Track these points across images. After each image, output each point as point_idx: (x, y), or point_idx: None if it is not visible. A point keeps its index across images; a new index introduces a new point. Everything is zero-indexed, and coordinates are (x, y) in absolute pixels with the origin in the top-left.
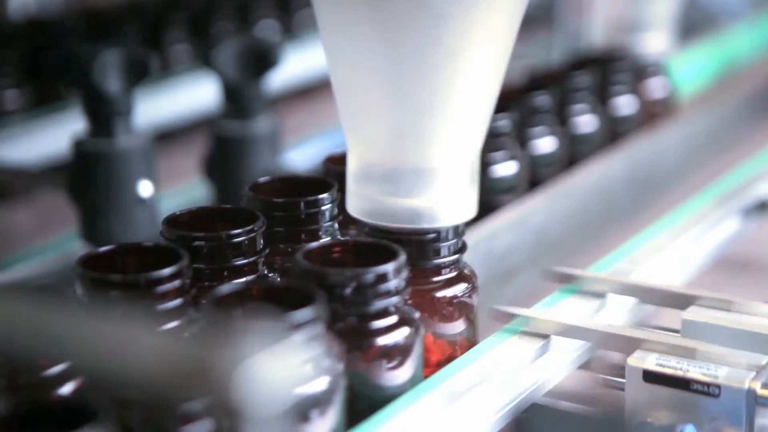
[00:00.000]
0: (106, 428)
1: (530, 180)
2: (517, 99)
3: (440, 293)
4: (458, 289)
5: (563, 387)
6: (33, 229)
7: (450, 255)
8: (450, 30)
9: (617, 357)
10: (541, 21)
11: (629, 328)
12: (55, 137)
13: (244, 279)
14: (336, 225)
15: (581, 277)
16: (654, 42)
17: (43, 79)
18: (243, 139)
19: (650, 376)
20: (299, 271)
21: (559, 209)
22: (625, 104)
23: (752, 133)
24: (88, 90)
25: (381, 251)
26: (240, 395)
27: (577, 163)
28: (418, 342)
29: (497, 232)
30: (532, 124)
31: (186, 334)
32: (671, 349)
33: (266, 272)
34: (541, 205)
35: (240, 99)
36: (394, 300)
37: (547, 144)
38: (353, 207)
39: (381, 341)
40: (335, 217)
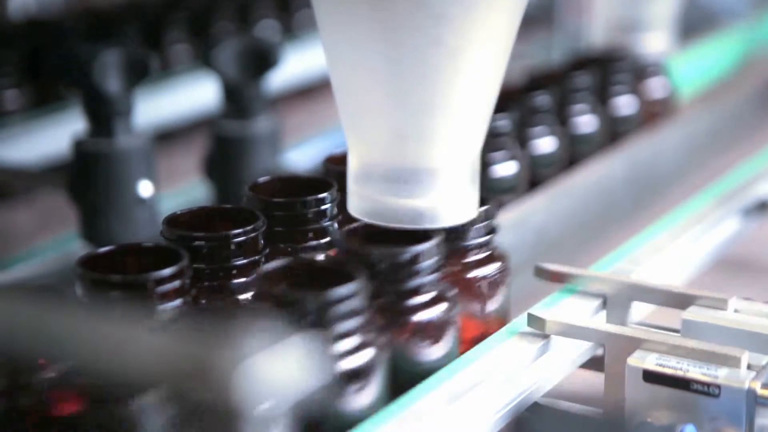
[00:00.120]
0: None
1: (530, 180)
2: (517, 99)
3: (472, 273)
4: (489, 269)
5: (563, 387)
6: (33, 229)
7: (482, 236)
8: (450, 30)
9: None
10: (541, 21)
11: (629, 328)
12: (55, 137)
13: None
14: (336, 225)
15: (581, 277)
16: (654, 42)
17: (43, 79)
18: (243, 139)
19: (650, 376)
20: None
21: (559, 209)
22: (625, 104)
23: (752, 133)
24: (88, 90)
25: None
26: (239, 395)
27: (577, 163)
28: (454, 318)
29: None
30: (532, 124)
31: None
32: (671, 349)
33: None
34: (541, 205)
35: (240, 99)
36: (431, 278)
37: (547, 144)
38: (354, 207)
39: (417, 318)
40: (335, 217)
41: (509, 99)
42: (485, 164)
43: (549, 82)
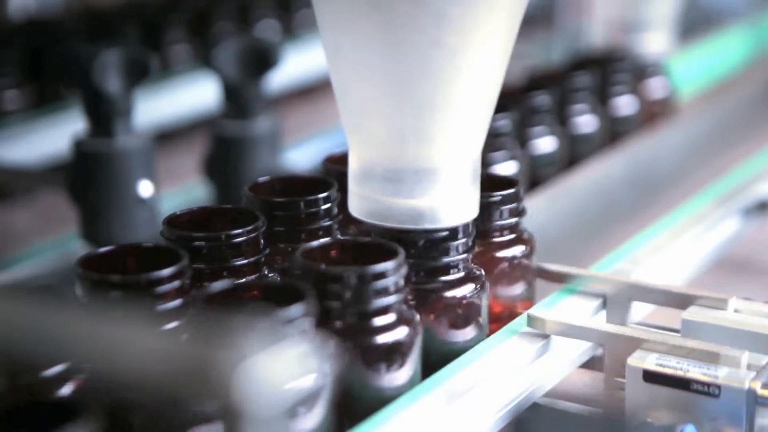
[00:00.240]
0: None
1: (530, 180)
2: (517, 99)
3: (499, 254)
4: (517, 251)
5: (563, 387)
6: (33, 229)
7: (509, 218)
8: (451, 30)
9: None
10: (541, 21)
11: (629, 328)
12: (55, 137)
13: (245, 279)
14: (336, 225)
15: (581, 277)
16: (654, 42)
17: (43, 79)
18: (243, 139)
19: (650, 376)
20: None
21: (559, 209)
22: (625, 104)
23: (752, 133)
24: (88, 90)
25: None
26: (240, 395)
27: (577, 163)
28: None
29: None
30: (532, 124)
31: (185, 335)
32: (671, 349)
33: (266, 272)
34: (541, 205)
35: (240, 99)
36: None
37: (547, 144)
38: (355, 208)
39: (448, 295)
40: (335, 217)
41: (509, 99)
42: (485, 164)
43: (549, 82)
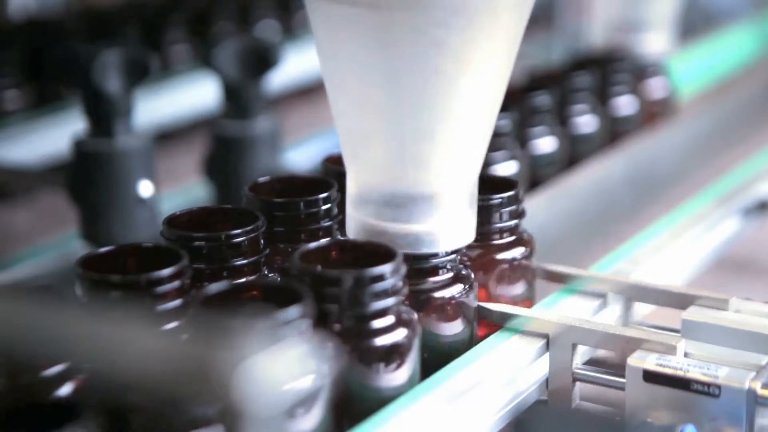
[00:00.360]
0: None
1: (530, 180)
2: (517, 99)
3: (499, 256)
4: (516, 252)
5: (563, 387)
6: (33, 229)
7: (509, 220)
8: (450, 58)
9: (617, 357)
10: (541, 21)
11: (629, 328)
12: (55, 137)
13: (244, 279)
14: (336, 225)
15: (581, 278)
16: (654, 42)
17: (43, 79)
18: (243, 139)
19: (650, 376)
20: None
21: (559, 209)
22: (625, 104)
23: (752, 133)
24: (88, 90)
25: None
26: (239, 395)
27: (577, 163)
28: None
29: None
30: (532, 124)
31: (185, 335)
32: (671, 349)
33: (266, 272)
34: (541, 205)
35: (240, 99)
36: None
37: (547, 144)
38: (353, 231)
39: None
40: (335, 217)
41: (509, 99)
42: (485, 164)
43: (549, 82)
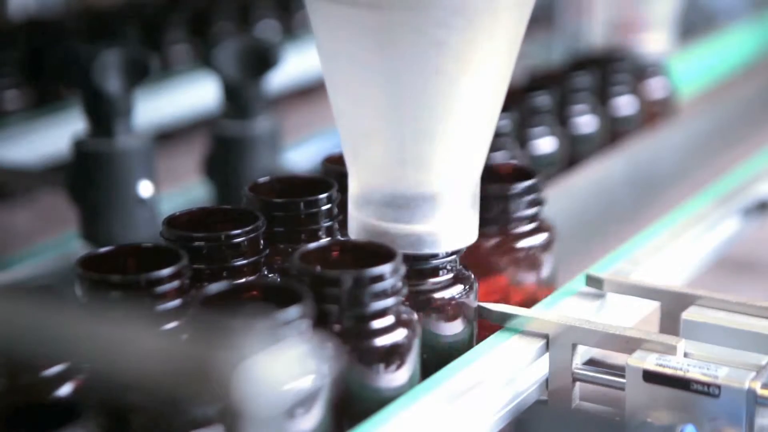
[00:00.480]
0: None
1: None
2: (517, 99)
3: (519, 244)
4: (536, 240)
5: (563, 387)
6: (33, 229)
7: (527, 209)
8: (451, 58)
9: (617, 357)
10: (541, 21)
11: (629, 328)
12: (55, 137)
13: (244, 279)
14: (336, 225)
15: (581, 277)
16: (654, 42)
17: (43, 79)
18: (243, 139)
19: (650, 376)
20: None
21: (559, 209)
22: (625, 104)
23: (752, 133)
24: (88, 90)
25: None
26: (239, 395)
27: (577, 163)
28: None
29: None
30: (532, 124)
31: (185, 335)
32: (671, 349)
33: (266, 272)
34: None
35: (240, 99)
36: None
37: (547, 144)
38: (355, 232)
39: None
40: (335, 217)
41: (509, 99)
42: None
43: (549, 82)
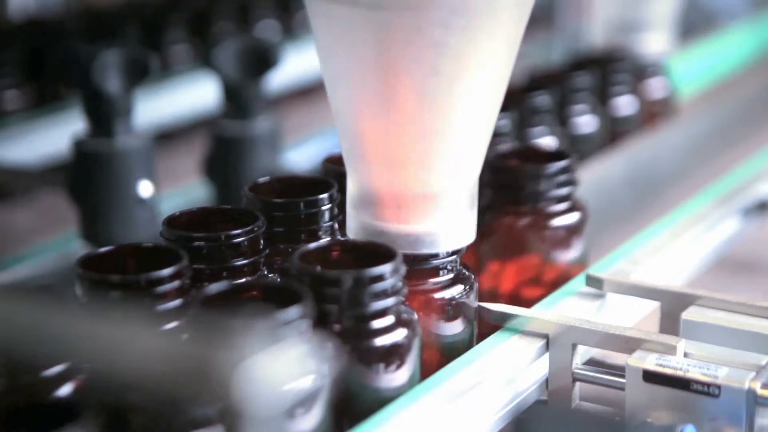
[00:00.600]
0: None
1: None
2: (517, 99)
3: (554, 222)
4: (569, 219)
5: (563, 387)
6: (33, 229)
7: (561, 188)
8: (450, 58)
9: (617, 357)
10: (541, 21)
11: (629, 328)
12: (55, 137)
13: (244, 279)
14: (336, 225)
15: (581, 277)
16: (654, 42)
17: (43, 79)
18: (243, 139)
19: (650, 376)
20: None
21: None
22: (625, 104)
23: (752, 133)
24: (88, 90)
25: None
26: (239, 395)
27: (577, 163)
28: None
29: None
30: (532, 124)
31: (185, 335)
32: (671, 349)
33: (266, 272)
34: None
35: (240, 99)
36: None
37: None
38: (353, 232)
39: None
40: (335, 217)
41: (509, 99)
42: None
43: (549, 82)
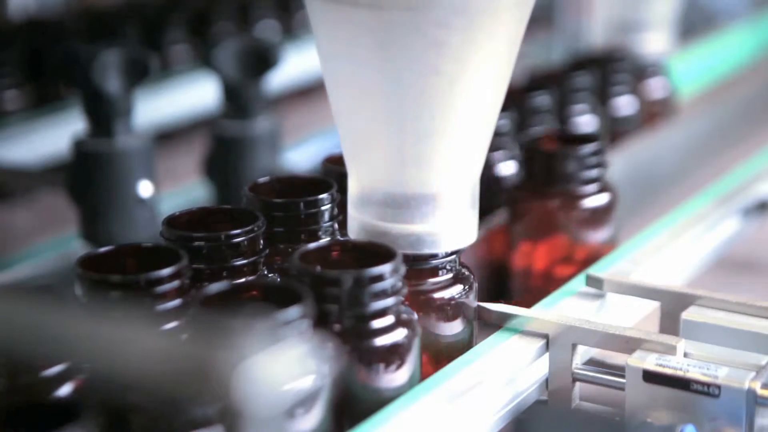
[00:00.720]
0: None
1: None
2: (517, 99)
3: (584, 203)
4: (602, 199)
5: (563, 387)
6: (33, 229)
7: (591, 170)
8: (450, 58)
9: (617, 357)
10: (541, 21)
11: (629, 328)
12: (55, 137)
13: (244, 279)
14: (336, 225)
15: (581, 277)
16: (654, 42)
17: (43, 79)
18: (243, 139)
19: (650, 376)
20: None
21: None
22: (625, 104)
23: (752, 133)
24: (88, 90)
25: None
26: (239, 395)
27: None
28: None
29: None
30: (532, 124)
31: (185, 335)
32: (671, 349)
33: (266, 272)
34: None
35: (240, 99)
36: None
37: None
38: (354, 232)
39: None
40: (335, 217)
41: (509, 99)
42: (487, 163)
43: (549, 82)
